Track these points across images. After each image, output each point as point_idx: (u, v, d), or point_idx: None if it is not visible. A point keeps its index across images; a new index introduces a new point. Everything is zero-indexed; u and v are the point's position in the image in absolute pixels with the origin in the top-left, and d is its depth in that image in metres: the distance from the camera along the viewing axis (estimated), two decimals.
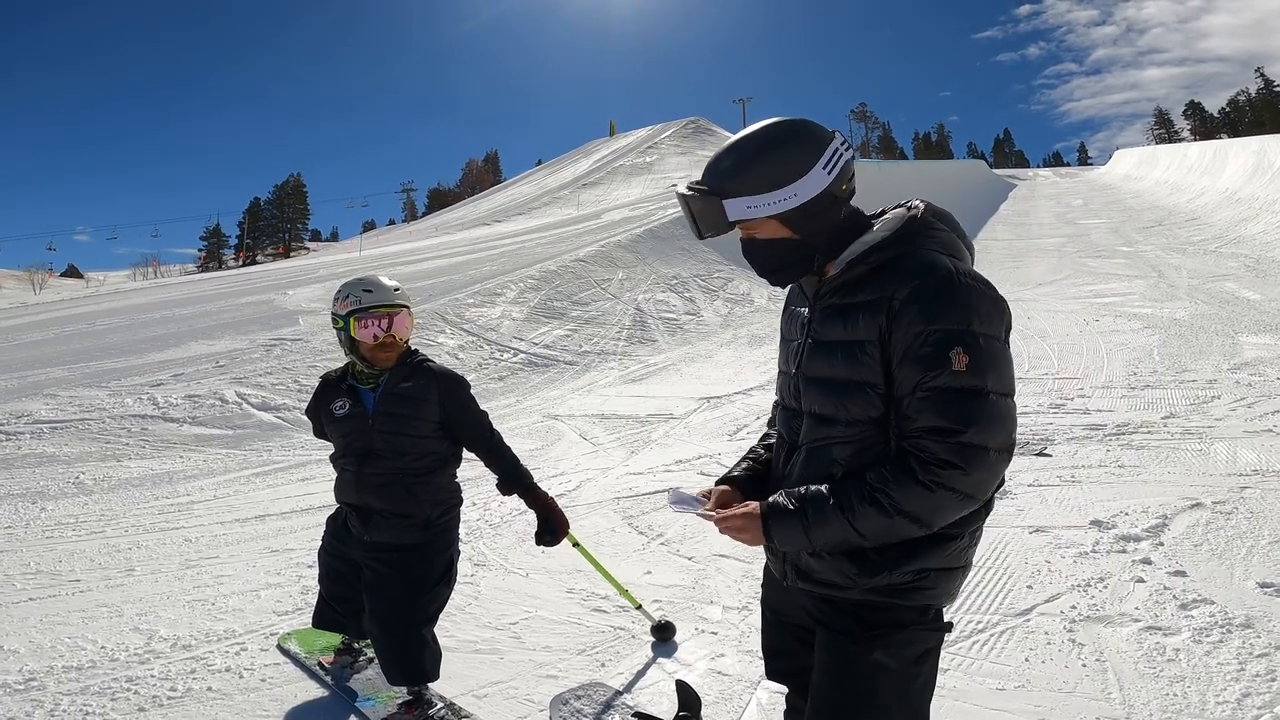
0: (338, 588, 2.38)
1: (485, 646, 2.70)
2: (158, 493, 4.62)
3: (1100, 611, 2.63)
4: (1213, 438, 4.35)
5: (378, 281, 2.27)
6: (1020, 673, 2.33)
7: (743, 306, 11.25)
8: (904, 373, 1.21)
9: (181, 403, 6.22)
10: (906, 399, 1.21)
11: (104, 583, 3.29)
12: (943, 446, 1.18)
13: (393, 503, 2.20)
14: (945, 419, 1.18)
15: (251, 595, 3.14)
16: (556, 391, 7.32)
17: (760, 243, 1.30)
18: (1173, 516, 3.35)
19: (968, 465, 1.17)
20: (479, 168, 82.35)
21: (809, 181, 1.24)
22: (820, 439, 1.31)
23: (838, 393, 1.27)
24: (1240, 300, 8.60)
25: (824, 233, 1.28)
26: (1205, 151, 22.50)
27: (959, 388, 1.18)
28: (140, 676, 2.50)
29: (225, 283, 15.93)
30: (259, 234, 70.82)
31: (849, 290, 1.28)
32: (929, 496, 1.19)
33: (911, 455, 1.21)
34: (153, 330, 9.12)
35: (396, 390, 2.23)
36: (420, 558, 2.22)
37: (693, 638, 2.74)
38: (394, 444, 2.20)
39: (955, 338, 1.18)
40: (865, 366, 1.25)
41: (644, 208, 19.84)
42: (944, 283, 1.21)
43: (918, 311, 1.20)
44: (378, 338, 2.19)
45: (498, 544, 3.69)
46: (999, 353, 1.22)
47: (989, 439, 1.18)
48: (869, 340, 1.24)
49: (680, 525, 3.89)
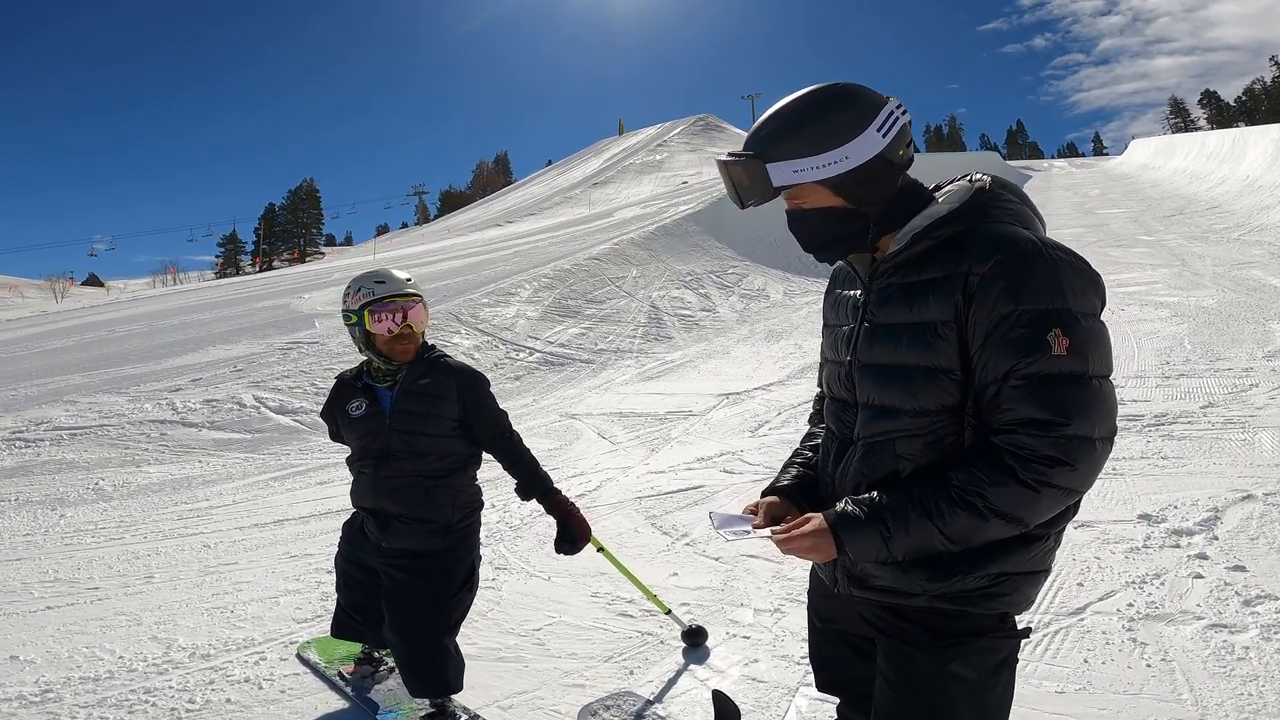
0: (356, 596, 2.30)
1: (509, 654, 2.62)
2: (177, 498, 4.59)
3: (1160, 609, 2.53)
4: (1256, 427, 4.19)
5: (389, 273, 2.18)
6: (1080, 674, 2.24)
7: (758, 302, 11.15)
8: (991, 358, 1.09)
9: (200, 407, 6.21)
10: (994, 387, 1.09)
11: (122, 590, 3.25)
12: (1045, 442, 1.06)
13: (411, 506, 2.11)
14: (1046, 410, 1.05)
15: (271, 602, 3.08)
16: (573, 390, 7.25)
17: (808, 213, 1.18)
18: (1224, 509, 3.25)
19: (1074, 460, 1.05)
20: (489, 169, 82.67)
21: (862, 144, 1.12)
22: (880, 433, 1.18)
23: (905, 381, 1.15)
24: (1268, 287, 8.39)
25: (879, 201, 1.16)
26: (1224, 140, 22.01)
27: (1059, 374, 1.06)
28: (158, 688, 2.44)
29: (242, 288, 16.04)
30: (274, 239, 71.55)
31: (912, 268, 1.15)
32: (1032, 497, 1.07)
33: (1007, 452, 1.08)
34: (171, 336, 9.15)
35: (414, 388, 2.13)
36: (441, 564, 2.12)
37: (724, 643, 2.65)
38: (412, 444, 2.11)
39: (1052, 317, 1.06)
40: (938, 351, 1.12)
41: (656, 205, 19.75)
42: (1030, 256, 1.09)
43: (1004, 289, 1.08)
44: (393, 330, 2.10)
45: (518, 547, 3.61)
46: (1098, 331, 1.09)
47: (1094, 428, 1.06)
48: (942, 321, 1.11)
49: (705, 525, 3.80)
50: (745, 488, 4.15)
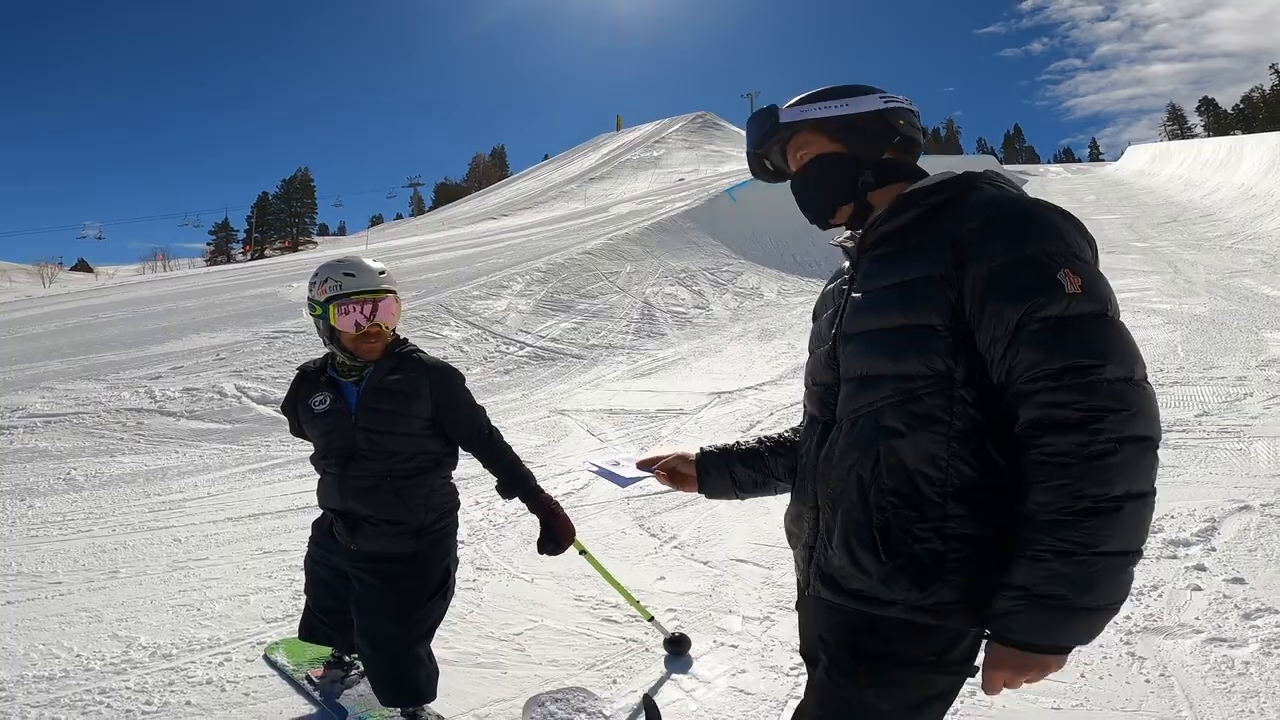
0: (325, 598, 2.17)
1: (487, 660, 2.51)
2: (149, 489, 4.44)
3: (1158, 622, 2.48)
4: (1251, 437, 4.18)
5: (360, 263, 2.03)
6: (1077, 690, 2.17)
7: (752, 300, 11.13)
8: (995, 309, 1.00)
9: (179, 396, 6.06)
10: (1002, 344, 0.99)
11: (85, 585, 3.11)
12: (1087, 390, 0.95)
13: (380, 508, 1.98)
14: (1077, 354, 0.96)
15: (240, 600, 2.96)
16: (563, 386, 7.16)
17: (808, 166, 1.22)
18: (1221, 520, 3.21)
19: (1129, 403, 0.95)
20: (486, 162, 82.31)
21: (861, 100, 1.20)
22: (864, 405, 1.10)
23: (889, 343, 1.08)
24: (1260, 296, 8.44)
25: (873, 152, 1.20)
26: (1220, 147, 22.07)
27: (1080, 314, 0.98)
28: (114, 688, 2.32)
29: (231, 276, 15.83)
30: (266, 228, 71.00)
31: (898, 236, 1.14)
32: (1120, 460, 0.94)
33: (1057, 425, 0.95)
34: (155, 323, 8.98)
35: (383, 384, 2.00)
36: (412, 569, 2.00)
37: (711, 651, 2.55)
38: (380, 444, 1.98)
39: (1059, 259, 1.00)
40: (924, 306, 1.06)
41: (651, 201, 19.65)
42: (1024, 209, 1.06)
43: (1001, 238, 1.02)
44: (360, 326, 1.96)
45: (501, 546, 3.51)
46: (1102, 276, 1.03)
47: (1133, 369, 0.98)
48: (927, 277, 1.06)
49: (694, 528, 3.72)
50: None
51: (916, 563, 1.05)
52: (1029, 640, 0.98)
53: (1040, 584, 0.96)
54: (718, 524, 3.75)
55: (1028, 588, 0.96)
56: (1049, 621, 0.96)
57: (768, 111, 1.24)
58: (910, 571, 1.05)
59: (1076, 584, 0.95)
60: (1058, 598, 0.95)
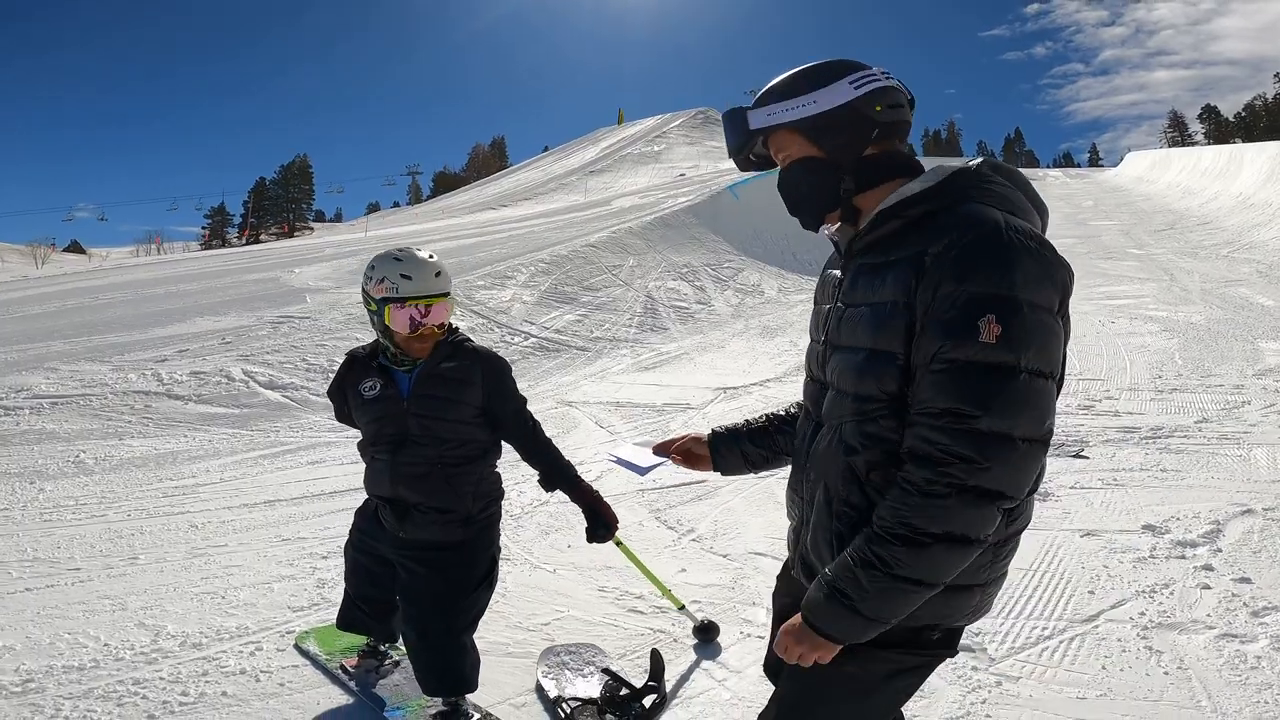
0: (366, 587, 2.17)
1: (518, 649, 2.52)
2: (161, 474, 4.41)
3: (1171, 618, 2.57)
4: (1250, 443, 4.31)
5: (416, 261, 1.96)
6: (1099, 681, 2.26)
7: (753, 297, 11.18)
8: (923, 339, 1.04)
9: (186, 379, 6.02)
10: (920, 371, 1.04)
11: (105, 572, 3.08)
12: (954, 435, 1.00)
13: (431, 496, 1.98)
14: (960, 400, 1.00)
15: (264, 588, 2.94)
16: (569, 377, 7.17)
17: (789, 167, 1.19)
18: (1225, 523, 3.31)
19: (987, 456, 0.99)
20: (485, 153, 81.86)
21: (831, 92, 1.14)
22: (834, 416, 1.17)
23: (857, 363, 1.12)
24: (1255, 306, 8.55)
25: (852, 152, 1.15)
26: (1220, 155, 22.12)
27: (983, 363, 1.00)
28: (148, 679, 2.29)
29: (231, 260, 15.71)
30: (263, 214, 70.44)
31: (882, 248, 1.12)
32: (951, 505, 1.01)
33: (916, 459, 1.03)
34: (157, 305, 8.91)
35: (436, 371, 1.99)
36: (460, 557, 2.00)
37: (738, 642, 2.58)
38: (432, 430, 1.97)
39: (988, 302, 1.00)
40: (887, 332, 1.08)
41: (654, 195, 19.61)
42: (987, 237, 1.03)
43: (950, 268, 1.03)
44: (416, 328, 1.94)
45: (520, 536, 3.51)
46: (1043, 325, 1.02)
47: (1014, 425, 1.00)
48: (895, 301, 1.07)
49: (711, 521, 3.74)
50: (748, 484, 4.08)
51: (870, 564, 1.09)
52: (810, 619, 1.10)
53: (840, 580, 1.07)
54: (733, 518, 3.77)
55: (831, 580, 1.08)
56: (829, 611, 1.08)
57: (737, 115, 1.20)
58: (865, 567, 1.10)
59: (864, 592, 1.05)
60: (844, 595, 1.07)
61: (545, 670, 2.31)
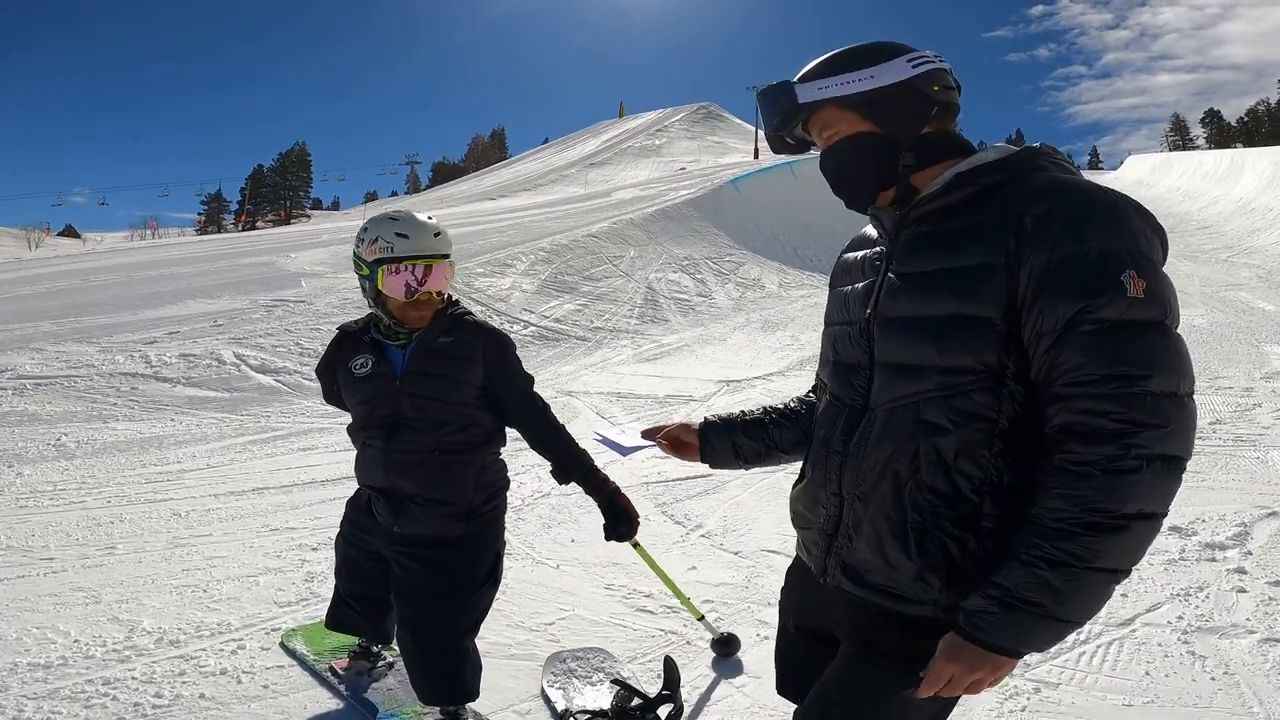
0: (358, 585, 1.98)
1: (521, 651, 2.35)
2: (145, 459, 4.23)
3: (1210, 622, 2.52)
4: (1266, 446, 4.33)
5: (414, 221, 1.80)
6: (1144, 687, 2.18)
7: (754, 291, 11.14)
8: (1048, 302, 0.95)
9: (175, 361, 5.83)
10: (1049, 339, 0.95)
11: (81, 562, 2.90)
12: (1128, 402, 0.91)
13: (428, 486, 1.79)
14: (1124, 362, 0.91)
15: (249, 581, 2.76)
16: (569, 367, 7.05)
17: (838, 145, 1.12)
18: (1252, 525, 3.28)
19: (1167, 419, 0.92)
20: (485, 144, 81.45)
21: (889, 68, 1.08)
22: (903, 397, 1.04)
23: (934, 334, 1.01)
24: (1256, 310, 8.57)
25: (912, 129, 1.09)
26: (1221, 160, 22.10)
27: (1138, 321, 0.93)
28: (119, 678, 2.12)
29: (226, 244, 15.48)
30: (260, 200, 69.99)
31: (951, 215, 1.05)
32: (1144, 479, 0.91)
33: (1087, 434, 0.92)
34: (149, 287, 8.70)
35: (434, 346, 1.80)
36: (461, 555, 1.82)
37: (756, 645, 2.42)
38: (428, 412, 1.79)
39: (1125, 258, 0.94)
40: (977, 297, 0.99)
41: (655, 188, 19.42)
42: (1095, 198, 0.98)
43: (1066, 226, 0.95)
44: (412, 292, 1.76)
45: (521, 530, 3.35)
46: (1168, 281, 0.97)
47: (1179, 383, 0.94)
48: (987, 264, 0.98)
49: (720, 516, 3.60)
50: (756, 479, 3.94)
51: (949, 561, 1.02)
52: (991, 640, 0.97)
53: (1023, 588, 0.95)
54: (743, 513, 3.63)
55: (1010, 589, 0.95)
56: (1018, 625, 0.96)
57: (782, 89, 1.13)
58: (941, 571, 1.02)
59: (1059, 594, 0.94)
60: (1036, 604, 0.94)
61: (552, 679, 2.16)
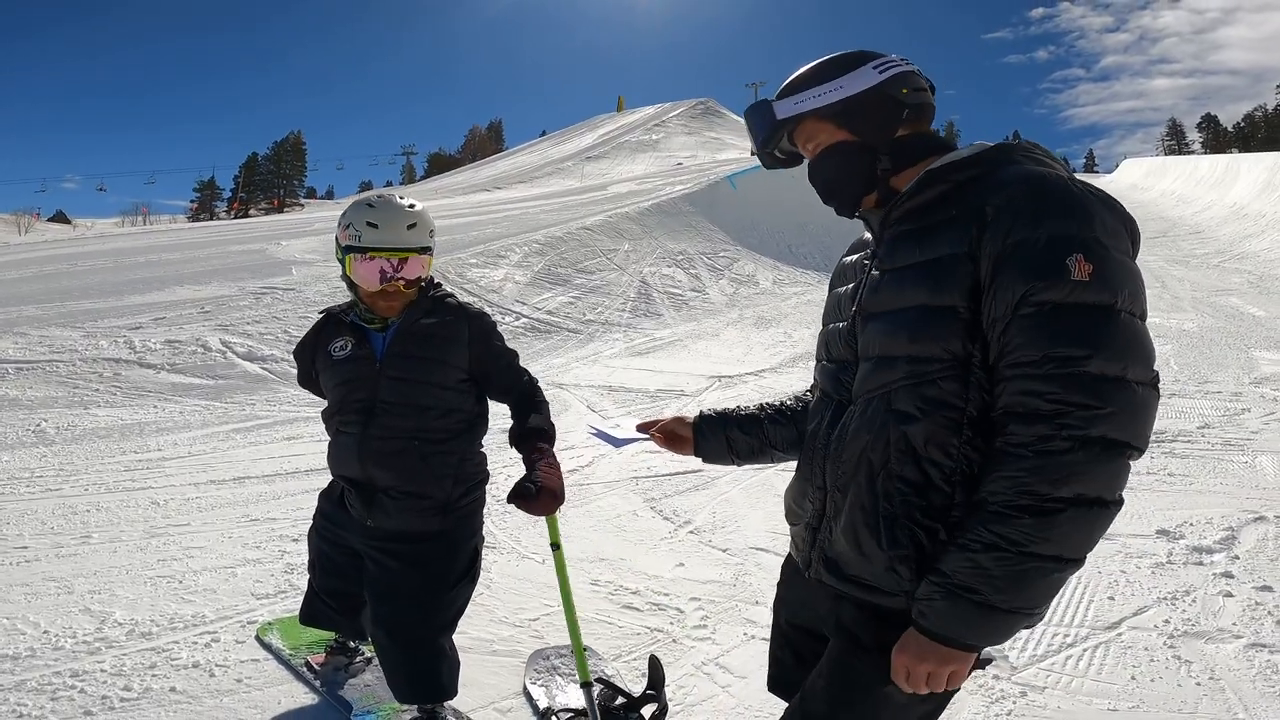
0: (332, 580, 1.92)
1: (503, 647, 2.31)
2: (126, 446, 4.16)
3: (1197, 626, 2.53)
4: (1255, 450, 4.36)
5: (389, 210, 1.72)
6: (1130, 692, 2.18)
7: (748, 288, 11.10)
8: (1001, 285, 0.96)
9: (160, 348, 5.74)
10: (1002, 324, 0.96)
11: (54, 551, 2.83)
12: (1063, 382, 0.91)
13: (405, 478, 1.74)
14: (1062, 343, 0.91)
15: (226, 573, 2.70)
16: (560, 359, 7.01)
17: (821, 155, 1.16)
18: (1239, 529, 3.30)
19: (1106, 400, 0.90)
20: (482, 135, 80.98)
21: (856, 76, 1.13)
22: (878, 386, 1.07)
23: (909, 324, 1.04)
24: (1246, 316, 8.60)
25: (885, 133, 1.13)
26: (1216, 165, 22.13)
27: (1080, 303, 0.92)
28: (88, 670, 2.07)
29: (217, 231, 15.31)
30: (253, 188, 69.40)
31: (925, 212, 1.08)
32: (1075, 460, 0.90)
33: (1024, 414, 0.92)
34: (137, 273, 8.58)
35: (416, 328, 1.75)
36: (438, 550, 1.76)
37: (742, 645, 2.40)
38: (409, 396, 1.73)
39: (1075, 242, 0.94)
40: (945, 286, 1.01)
41: (651, 182, 19.33)
42: (1055, 187, 0.99)
43: (1021, 215, 0.97)
44: (386, 279, 1.68)
45: (507, 523, 3.30)
46: (1131, 268, 0.97)
47: (1125, 367, 0.91)
48: (954, 254, 1.01)
49: (709, 512, 3.56)
50: (747, 476, 3.91)
51: (920, 551, 1.02)
52: (933, 629, 0.97)
53: (960, 574, 0.95)
54: (732, 510, 3.60)
55: (949, 576, 0.96)
56: (958, 614, 0.95)
57: (762, 107, 1.18)
58: (912, 561, 1.02)
59: (995, 580, 0.93)
60: (973, 591, 0.94)
61: (534, 676, 2.12)
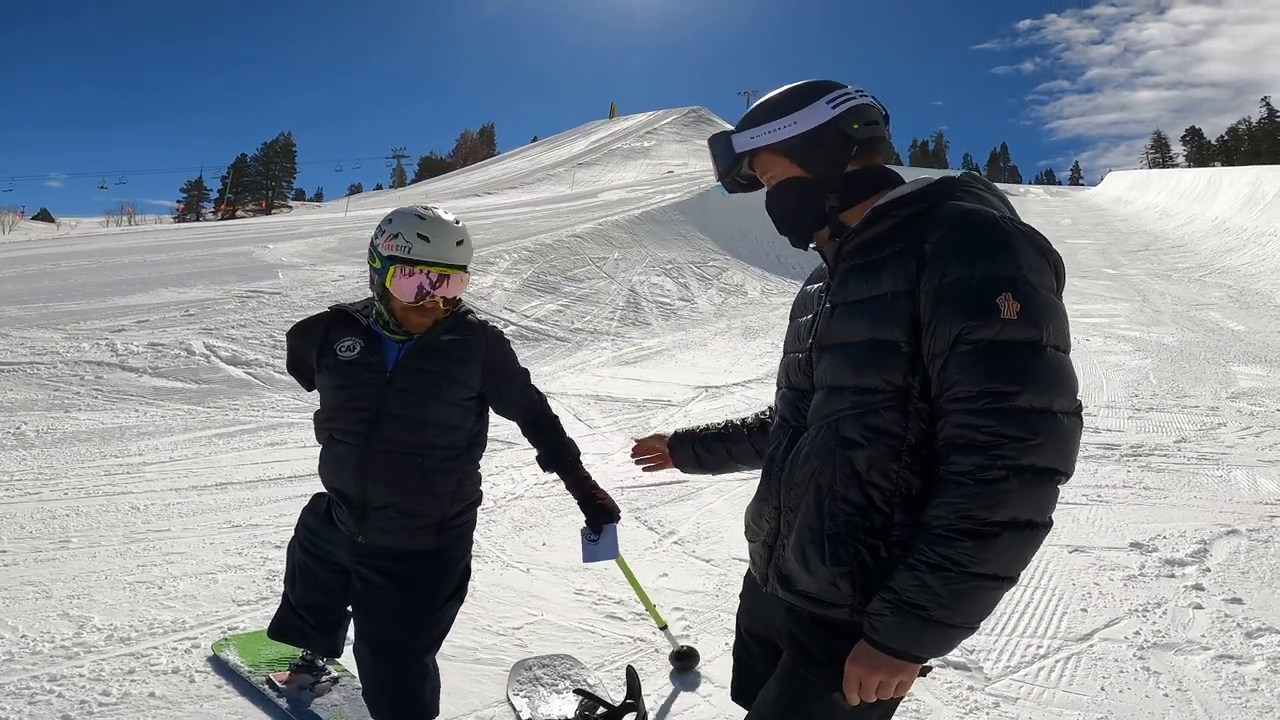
0: (314, 595, 1.89)
1: (487, 656, 2.32)
2: (106, 450, 4.13)
3: (1167, 638, 2.56)
4: (1229, 465, 4.39)
5: (439, 225, 1.67)
6: (1098, 703, 2.20)
7: (736, 298, 11.14)
8: (939, 324, 1.04)
9: (143, 351, 5.70)
10: (941, 360, 1.03)
11: (33, 555, 2.82)
12: (997, 416, 0.99)
13: (404, 495, 1.69)
14: (994, 379, 1.00)
15: (207, 579, 2.70)
16: (548, 367, 7.01)
17: (776, 187, 1.23)
18: (1211, 542, 3.34)
19: (1035, 432, 0.98)
20: (473, 140, 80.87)
21: (810, 112, 1.18)
22: (828, 414, 1.13)
23: (854, 357, 1.11)
24: (1225, 330, 8.70)
25: (835, 169, 1.18)
26: (1199, 179, 22.39)
27: (1010, 340, 1.00)
28: (66, 675, 2.06)
29: (203, 233, 15.20)
30: (242, 190, 68.83)
31: (873, 247, 1.14)
32: (1010, 488, 0.98)
33: (963, 445, 1.00)
34: (121, 274, 8.51)
35: (435, 343, 1.71)
36: (429, 569, 1.73)
37: (723, 654, 2.40)
38: (418, 410, 1.68)
39: (1003, 283, 1.02)
40: (887, 321, 1.08)
41: (642, 190, 19.42)
42: (986, 225, 1.06)
43: (956, 254, 1.04)
44: (421, 296, 1.65)
45: (492, 533, 3.31)
46: (1054, 303, 1.05)
47: (1052, 399, 1.00)
48: (895, 291, 1.08)
49: (693, 523, 3.59)
50: (731, 487, 3.94)
51: (863, 567, 1.08)
52: (884, 642, 1.04)
53: (909, 592, 1.02)
54: (716, 521, 3.62)
55: (899, 593, 1.03)
56: (906, 628, 1.02)
57: (723, 139, 1.24)
58: (854, 576, 1.09)
59: (940, 598, 1.00)
60: (919, 607, 1.01)
61: (517, 687, 2.13)
